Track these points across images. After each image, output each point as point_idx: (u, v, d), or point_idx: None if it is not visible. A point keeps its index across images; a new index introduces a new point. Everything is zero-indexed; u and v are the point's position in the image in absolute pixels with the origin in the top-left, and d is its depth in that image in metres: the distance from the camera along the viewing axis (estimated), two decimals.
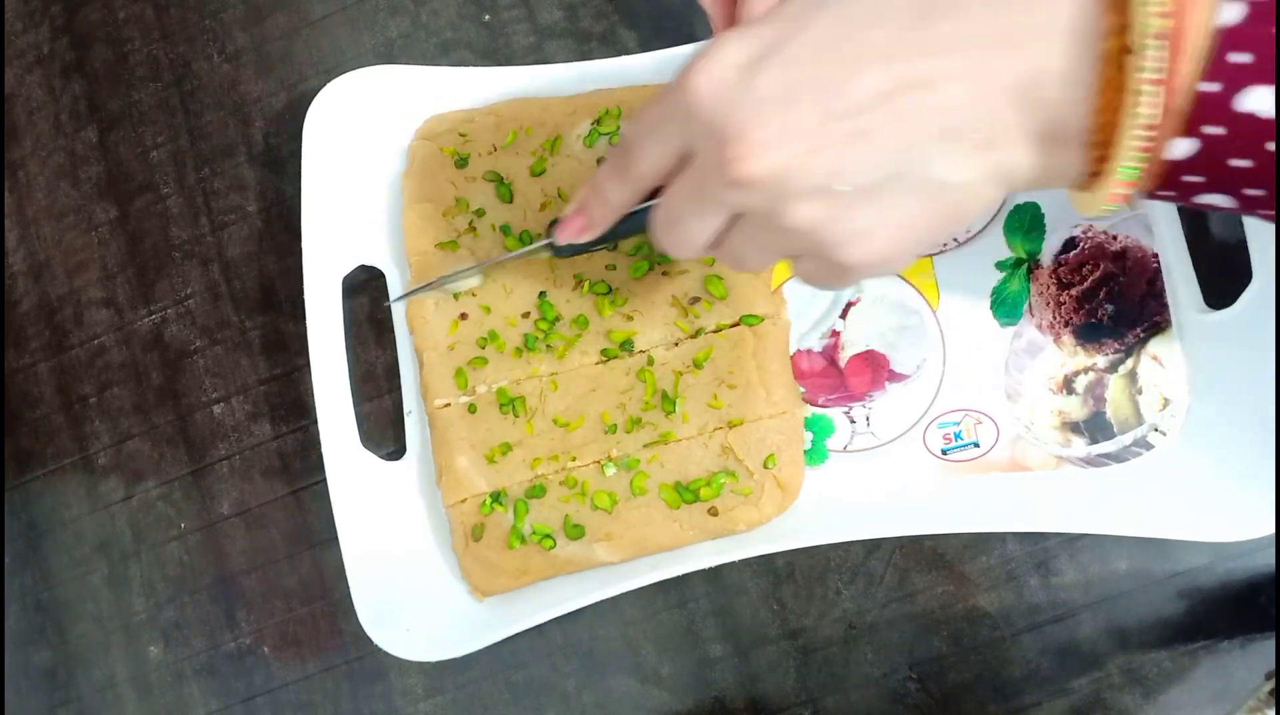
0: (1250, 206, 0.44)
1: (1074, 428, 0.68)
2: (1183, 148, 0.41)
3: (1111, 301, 0.68)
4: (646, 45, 0.77)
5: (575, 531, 0.69)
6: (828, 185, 0.46)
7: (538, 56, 0.80)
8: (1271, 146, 0.40)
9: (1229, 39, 0.39)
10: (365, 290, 0.79)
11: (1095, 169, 0.44)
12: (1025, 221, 0.69)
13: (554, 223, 0.62)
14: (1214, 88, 0.39)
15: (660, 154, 0.51)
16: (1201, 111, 0.40)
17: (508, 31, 0.80)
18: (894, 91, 0.44)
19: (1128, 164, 0.42)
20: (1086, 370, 0.68)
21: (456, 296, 0.73)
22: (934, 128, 0.44)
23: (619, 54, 0.76)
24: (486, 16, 0.81)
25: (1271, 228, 0.61)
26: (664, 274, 0.71)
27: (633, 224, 0.59)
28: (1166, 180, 0.43)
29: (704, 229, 0.52)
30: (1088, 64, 0.42)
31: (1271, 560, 0.67)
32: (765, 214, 0.48)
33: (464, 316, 0.72)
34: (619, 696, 0.74)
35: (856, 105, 0.44)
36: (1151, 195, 0.45)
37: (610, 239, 0.61)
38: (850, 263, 0.48)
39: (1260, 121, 0.39)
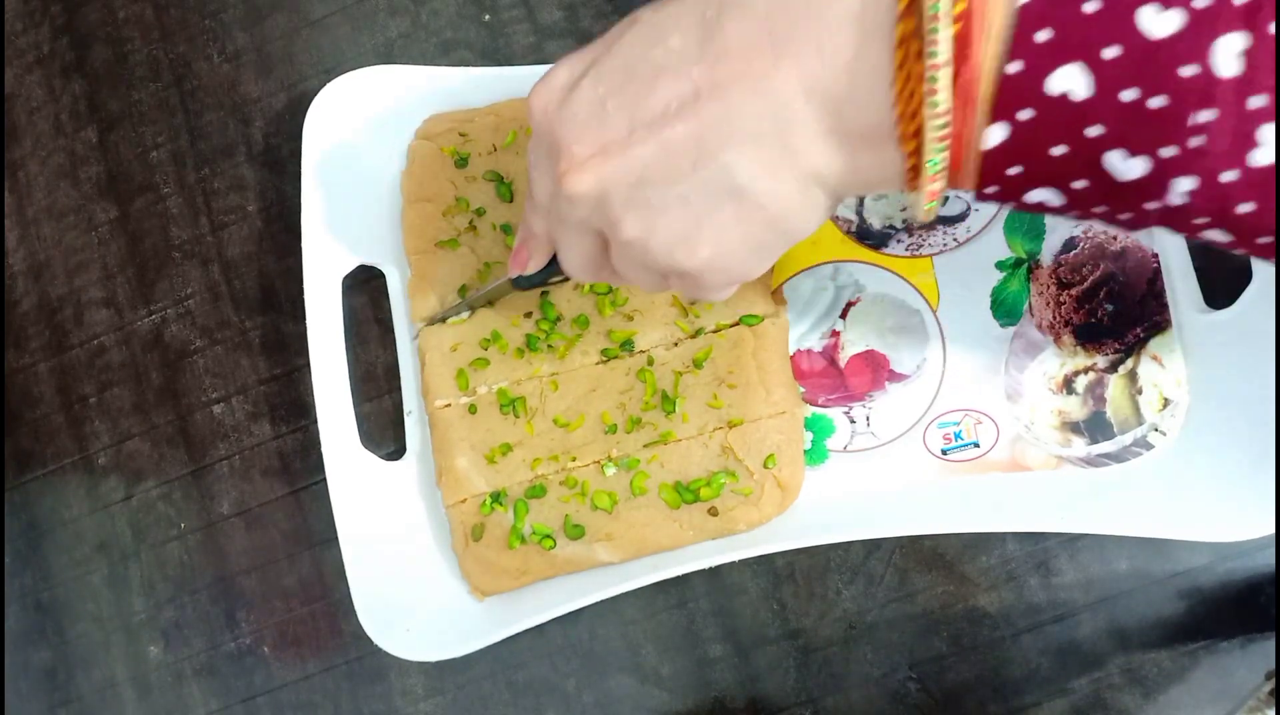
0: (1080, 204, 0.42)
1: (1074, 428, 0.68)
2: (996, 134, 0.40)
3: (1111, 301, 0.68)
4: None
5: (575, 531, 0.69)
6: (640, 196, 0.46)
7: (538, 56, 0.80)
8: (1091, 131, 0.38)
9: (1029, 16, 0.37)
10: (365, 290, 0.79)
11: (913, 164, 0.43)
12: (1025, 221, 0.69)
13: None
14: (1017, 67, 0.38)
15: (537, 178, 0.52)
16: (1010, 94, 0.38)
17: (508, 31, 0.80)
18: (690, 99, 0.44)
19: (933, 157, 0.41)
20: (1086, 370, 0.68)
21: (460, 295, 0.73)
22: (729, 134, 0.44)
23: None
24: (486, 16, 0.81)
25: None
26: None
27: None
28: (989, 175, 0.42)
29: (578, 249, 0.53)
30: (882, 54, 0.40)
31: (1271, 560, 0.67)
32: (607, 230, 0.49)
33: (470, 315, 0.73)
34: (619, 696, 0.74)
35: (657, 115, 0.44)
36: (980, 195, 0.44)
37: (560, 272, 0.61)
38: (684, 269, 0.49)
39: (1072, 104, 0.38)
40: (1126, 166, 0.38)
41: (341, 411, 0.73)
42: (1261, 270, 0.62)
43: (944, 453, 0.69)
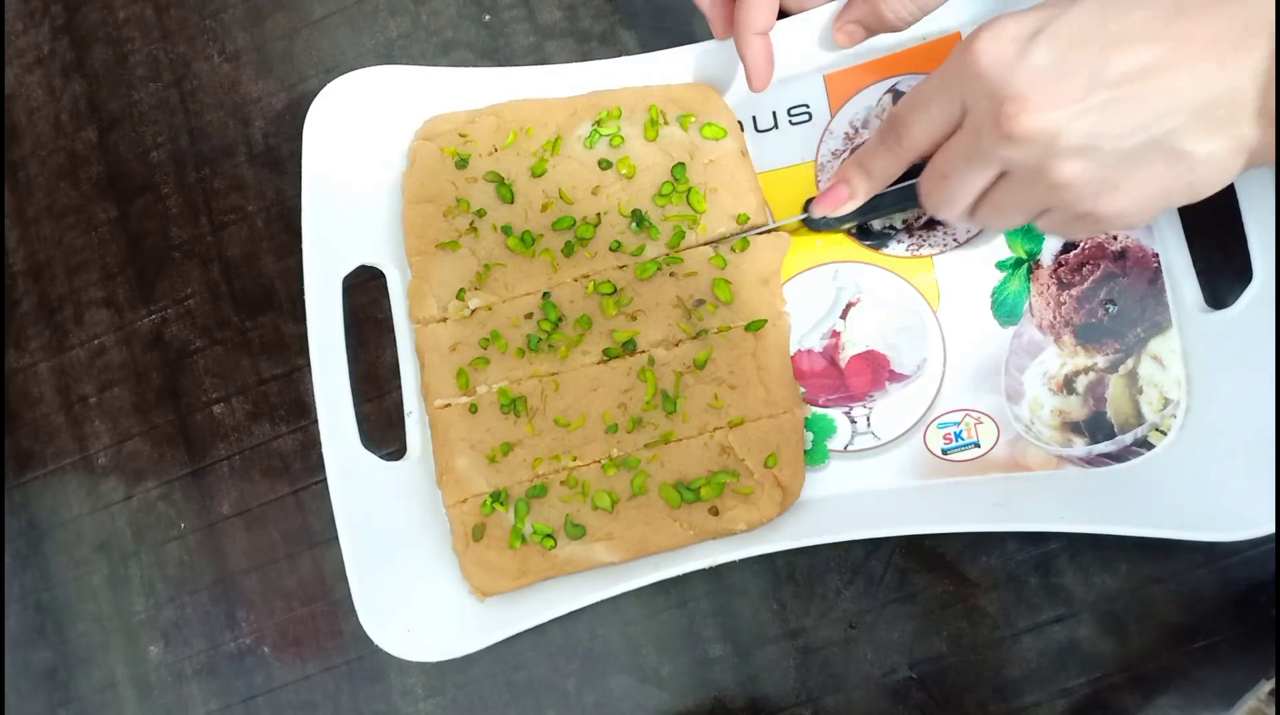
0: None
1: (1074, 428, 0.68)
2: None
3: (1112, 301, 0.68)
4: (646, 45, 0.77)
5: (576, 531, 0.69)
6: (1091, 144, 0.52)
7: (538, 56, 0.80)
8: None
9: None
10: (365, 290, 0.79)
11: None
12: None
13: (809, 200, 0.71)
14: None
15: (937, 119, 0.58)
16: None
17: (508, 31, 0.80)
18: (1152, 68, 0.50)
19: None
20: (1087, 370, 0.68)
21: (460, 296, 0.73)
22: (1185, 102, 0.51)
23: (619, 54, 0.76)
24: (486, 16, 0.81)
25: (1271, 226, 0.61)
26: (671, 275, 0.71)
27: (886, 201, 0.68)
28: None
29: (972, 185, 0.59)
30: None
31: (1271, 560, 0.67)
32: (1032, 169, 0.55)
33: (469, 315, 0.73)
34: (619, 696, 0.74)
35: (1119, 77, 0.51)
36: None
37: (863, 215, 0.69)
38: (1100, 215, 0.56)
39: None
40: None
41: (342, 412, 0.73)
42: (1262, 270, 0.62)
43: (944, 453, 0.69)
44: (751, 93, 0.70)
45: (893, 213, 0.70)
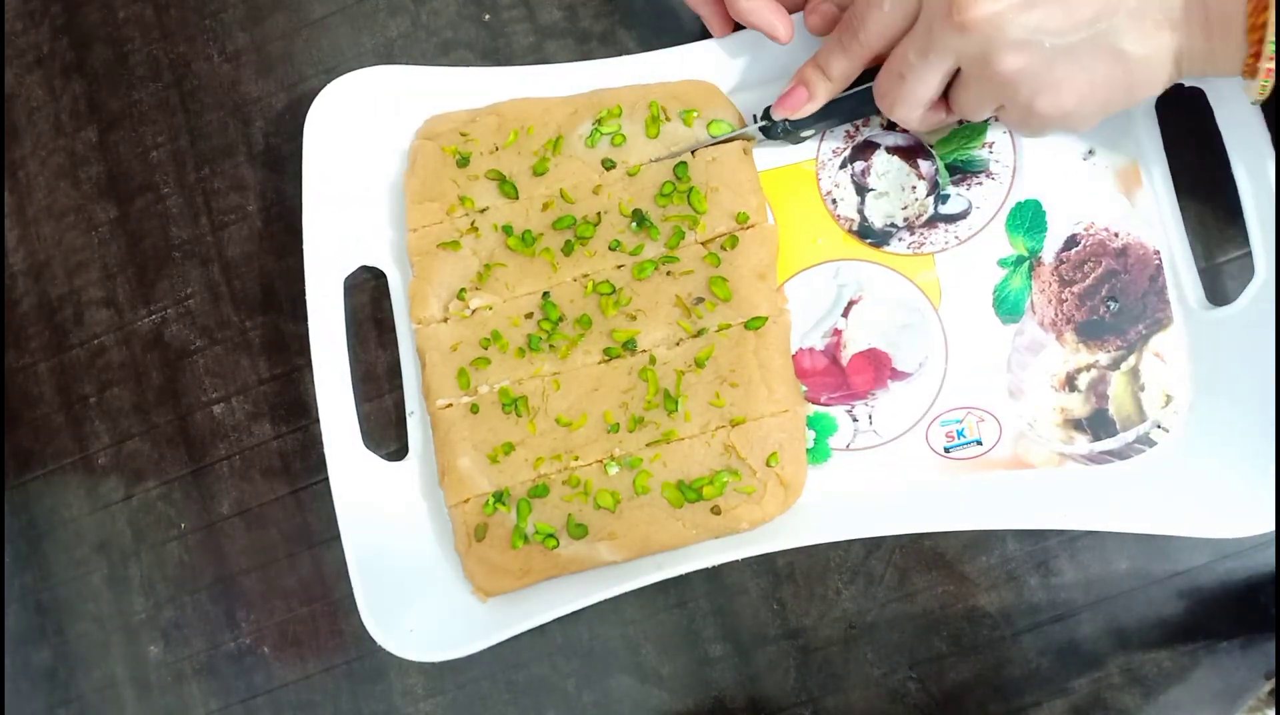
0: None
1: (1077, 425, 0.68)
2: None
3: (1114, 298, 0.68)
4: (646, 45, 0.77)
5: (578, 531, 0.69)
6: (1033, 39, 0.55)
7: (538, 56, 0.80)
8: None
9: None
10: (365, 290, 0.79)
11: (1255, 51, 0.53)
12: (1027, 218, 0.69)
13: (767, 108, 0.71)
14: None
15: (892, 15, 0.60)
16: None
17: (508, 31, 0.80)
18: None
19: (1271, 44, 0.52)
20: (1089, 367, 0.68)
21: (461, 296, 0.73)
22: (1123, 2, 0.53)
23: (619, 54, 0.76)
24: (486, 16, 0.81)
25: (1273, 222, 0.61)
26: (668, 274, 0.71)
27: (840, 109, 0.69)
28: None
29: (927, 81, 0.61)
30: None
31: (1271, 559, 0.67)
32: (979, 61, 0.57)
33: (470, 315, 0.73)
34: (619, 696, 0.74)
35: None
36: None
37: (820, 123, 0.71)
38: (1042, 112, 0.59)
39: None
40: None
41: (344, 412, 0.73)
42: (1263, 267, 0.62)
43: (947, 451, 0.69)
44: (804, 36, 0.69)
45: (849, 119, 0.72)
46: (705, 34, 0.73)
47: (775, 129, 0.71)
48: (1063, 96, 0.58)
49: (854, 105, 0.69)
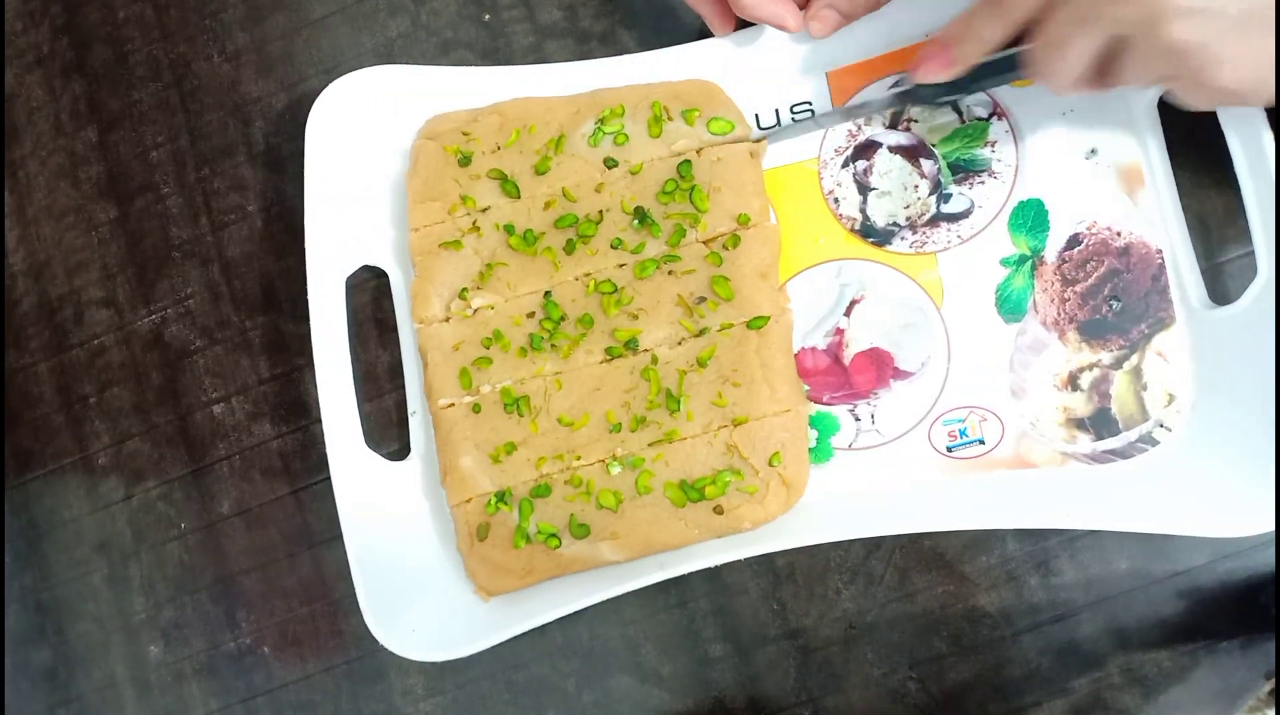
0: None
1: (1079, 424, 0.68)
2: None
3: (1116, 297, 0.68)
4: (647, 45, 0.77)
5: (580, 530, 0.69)
6: (1206, 7, 0.52)
7: (538, 56, 0.80)
8: None
9: None
10: (366, 289, 0.79)
11: None
12: (1029, 218, 0.69)
13: (897, 80, 0.70)
14: None
15: None
16: None
17: (508, 31, 0.80)
18: None
19: None
20: (1091, 366, 0.68)
21: (463, 296, 0.73)
22: None
23: (619, 54, 0.76)
24: (486, 16, 0.81)
25: (1273, 225, 0.61)
26: (670, 274, 0.71)
27: (986, 73, 0.65)
28: None
29: (1084, 51, 0.57)
30: None
31: (1271, 559, 0.67)
32: (1144, 31, 0.54)
33: (472, 314, 0.73)
34: (619, 696, 0.74)
35: None
36: None
37: (962, 89, 0.67)
38: (1220, 85, 0.55)
39: None
40: None
41: (345, 412, 0.73)
42: (1266, 266, 0.62)
43: (949, 450, 0.69)
44: (805, 35, 0.69)
45: (989, 85, 0.68)
46: (706, 33, 0.73)
47: (923, 92, 0.68)
48: (1241, 72, 0.54)
49: (996, 71, 0.65)
